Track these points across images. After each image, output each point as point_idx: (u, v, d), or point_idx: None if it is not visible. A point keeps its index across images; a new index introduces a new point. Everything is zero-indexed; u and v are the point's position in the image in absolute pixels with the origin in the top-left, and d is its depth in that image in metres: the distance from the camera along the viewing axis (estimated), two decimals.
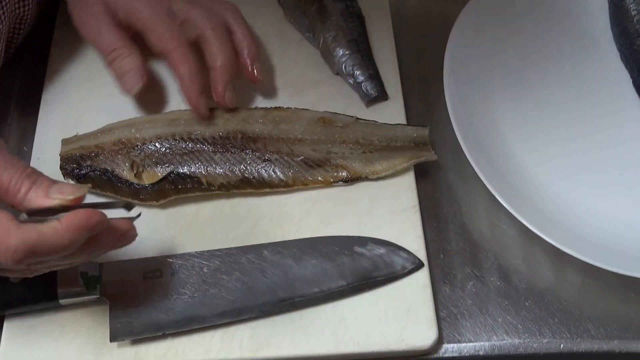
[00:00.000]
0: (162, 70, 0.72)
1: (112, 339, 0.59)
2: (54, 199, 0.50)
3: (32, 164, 0.67)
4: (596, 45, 0.79)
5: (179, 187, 0.66)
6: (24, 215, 0.51)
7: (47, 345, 0.60)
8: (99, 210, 0.51)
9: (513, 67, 0.76)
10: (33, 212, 0.51)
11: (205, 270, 0.62)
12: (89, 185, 0.59)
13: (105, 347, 0.60)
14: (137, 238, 0.62)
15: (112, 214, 0.52)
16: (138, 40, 0.68)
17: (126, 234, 0.54)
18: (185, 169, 0.67)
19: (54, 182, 0.52)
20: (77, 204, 0.51)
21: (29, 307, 0.61)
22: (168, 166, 0.67)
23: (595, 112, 0.74)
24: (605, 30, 0.79)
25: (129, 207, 0.53)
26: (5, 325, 0.61)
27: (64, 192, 0.51)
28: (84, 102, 0.73)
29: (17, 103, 0.75)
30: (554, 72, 0.77)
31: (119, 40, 0.67)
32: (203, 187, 0.66)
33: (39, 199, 0.51)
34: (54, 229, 0.49)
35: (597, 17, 0.80)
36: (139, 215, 0.55)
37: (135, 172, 0.66)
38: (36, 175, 0.52)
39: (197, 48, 0.68)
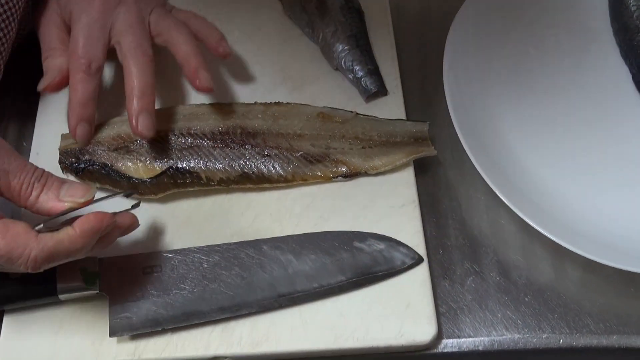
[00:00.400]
0: (161, 67, 0.72)
1: (112, 334, 0.59)
2: (66, 202, 0.54)
3: (31, 159, 0.68)
4: (596, 40, 0.78)
5: (178, 181, 0.66)
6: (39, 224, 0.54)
7: (47, 340, 0.60)
8: (106, 212, 0.54)
9: (513, 62, 0.76)
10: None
11: (205, 266, 0.62)
12: (97, 185, 0.62)
13: (104, 342, 0.60)
14: (136, 233, 0.63)
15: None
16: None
17: (130, 226, 0.58)
18: (185, 164, 0.66)
19: (63, 181, 0.56)
20: (86, 205, 0.55)
21: (29, 303, 0.61)
22: (167, 161, 0.66)
23: (595, 107, 0.74)
24: (604, 25, 0.79)
25: (128, 195, 0.57)
26: (5, 320, 0.61)
27: (75, 195, 0.55)
28: None
29: (16, 98, 0.75)
30: (554, 67, 0.76)
31: (58, 41, 0.67)
32: (202, 182, 0.66)
33: (50, 202, 0.54)
34: (69, 235, 0.52)
35: (597, 12, 0.80)
36: (139, 204, 0.59)
37: (133, 166, 0.66)
38: (45, 178, 0.55)
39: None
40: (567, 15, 0.79)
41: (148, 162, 0.66)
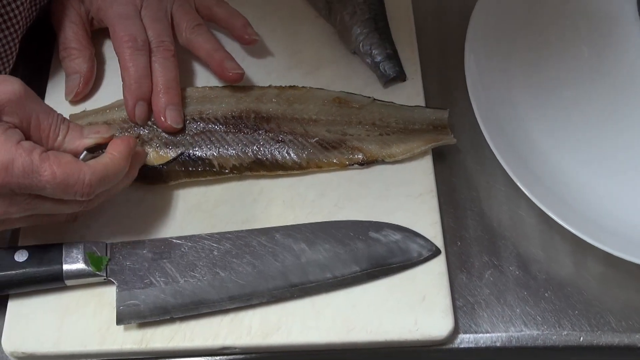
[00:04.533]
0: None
1: (119, 321, 0.58)
2: (92, 138, 0.57)
3: None
4: (619, 25, 0.76)
5: (190, 169, 0.64)
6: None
7: (51, 327, 0.59)
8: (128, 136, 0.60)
9: (536, 49, 0.74)
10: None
11: (215, 253, 0.60)
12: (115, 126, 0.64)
13: (111, 329, 0.59)
14: (145, 218, 0.63)
15: None
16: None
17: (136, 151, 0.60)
18: (196, 150, 0.65)
19: (83, 126, 0.59)
20: (108, 141, 0.58)
21: (34, 287, 0.59)
22: (178, 147, 0.65)
23: (619, 95, 0.72)
24: (630, 9, 0.76)
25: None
26: (10, 305, 0.60)
27: (100, 131, 0.58)
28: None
29: (25, 74, 0.72)
30: (577, 53, 0.74)
31: (74, 40, 0.68)
32: (214, 169, 0.64)
33: (76, 140, 0.57)
34: (111, 158, 0.56)
35: None
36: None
37: None
38: (68, 121, 0.58)
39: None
40: (591, 1, 0.77)
41: (158, 147, 0.65)
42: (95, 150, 0.57)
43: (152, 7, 0.68)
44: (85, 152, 0.57)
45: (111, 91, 0.69)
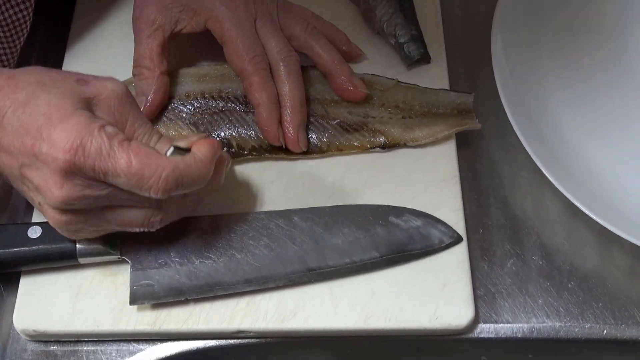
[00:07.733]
0: None
1: (132, 301, 0.57)
2: (180, 143, 0.54)
3: None
4: None
5: None
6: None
7: (64, 305, 0.58)
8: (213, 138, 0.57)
9: (564, 32, 0.72)
10: None
11: (232, 235, 0.59)
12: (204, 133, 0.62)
13: (124, 309, 0.58)
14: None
15: None
16: None
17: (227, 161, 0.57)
18: (215, 130, 0.64)
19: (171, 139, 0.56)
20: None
21: (47, 264, 0.59)
22: (197, 126, 0.64)
23: None
24: None
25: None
26: (22, 282, 0.59)
27: (189, 137, 0.55)
28: (110, 51, 0.70)
29: (41, 52, 0.73)
30: (607, 38, 0.72)
31: (147, 58, 0.63)
32: (232, 149, 0.63)
33: (166, 146, 0.54)
34: (195, 159, 0.52)
35: None
36: None
37: (161, 130, 0.63)
38: (159, 133, 0.56)
39: None
40: None
41: (176, 126, 0.63)
42: (184, 151, 0.54)
43: (265, 17, 0.65)
44: (172, 147, 0.53)
45: (131, 67, 0.66)
